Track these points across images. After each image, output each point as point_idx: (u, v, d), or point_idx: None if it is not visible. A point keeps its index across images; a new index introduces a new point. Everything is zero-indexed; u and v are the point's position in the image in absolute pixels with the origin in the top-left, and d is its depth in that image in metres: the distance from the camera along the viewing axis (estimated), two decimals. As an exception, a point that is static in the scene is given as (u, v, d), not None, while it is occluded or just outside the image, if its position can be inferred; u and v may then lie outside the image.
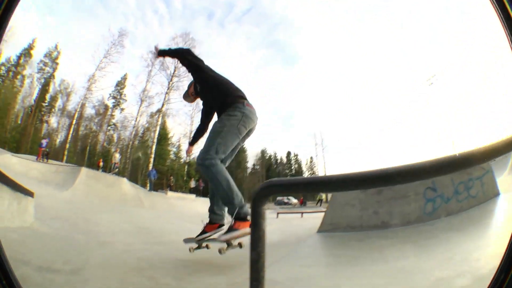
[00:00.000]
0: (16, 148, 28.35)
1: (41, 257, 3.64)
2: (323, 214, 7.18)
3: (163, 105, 36.28)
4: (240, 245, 3.33)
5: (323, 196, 32.85)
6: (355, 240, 5.44)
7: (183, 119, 52.16)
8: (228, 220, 3.15)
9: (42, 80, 36.67)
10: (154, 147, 34.49)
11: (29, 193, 5.56)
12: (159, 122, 35.98)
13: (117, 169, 22.74)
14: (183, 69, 36.15)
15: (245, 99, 3.36)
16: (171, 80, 36.85)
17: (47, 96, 37.04)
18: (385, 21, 61.17)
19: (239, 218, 3.01)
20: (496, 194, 5.75)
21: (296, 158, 58.06)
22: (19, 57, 35.02)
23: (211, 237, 3.26)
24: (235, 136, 3.14)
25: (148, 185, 24.44)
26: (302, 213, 17.20)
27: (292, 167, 57.87)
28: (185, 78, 36.48)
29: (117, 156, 24.08)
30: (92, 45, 48.89)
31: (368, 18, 63.26)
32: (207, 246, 3.59)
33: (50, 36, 49.63)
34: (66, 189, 12.76)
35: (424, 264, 3.24)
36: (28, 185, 5.98)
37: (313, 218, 12.23)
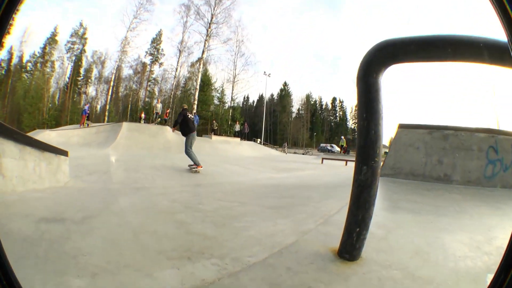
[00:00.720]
0: (55, 124, 29.91)
1: (52, 209, 3.08)
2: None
3: (203, 52, 35.72)
4: (197, 171, 7.72)
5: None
6: (423, 189, 5.22)
7: (226, 64, 51.62)
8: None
9: (73, 58, 37.41)
10: (196, 94, 34.50)
11: (61, 152, 5.12)
12: (201, 70, 35.66)
13: (159, 119, 22.60)
14: (220, 16, 35.70)
15: (194, 130, 8.37)
16: (209, 27, 35.61)
17: (81, 70, 38.07)
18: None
19: (197, 164, 7.82)
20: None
21: (341, 105, 54.56)
22: (43, 48, 35.67)
23: (192, 167, 7.85)
24: (190, 143, 8.12)
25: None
26: (346, 161, 16.02)
27: (337, 114, 54.96)
28: (222, 24, 36.33)
29: (159, 106, 23.70)
30: (118, 11, 47.98)
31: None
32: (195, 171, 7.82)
33: (72, 18, 49.66)
34: (108, 146, 12.47)
35: (508, 223, 3.12)
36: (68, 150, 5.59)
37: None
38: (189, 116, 8.38)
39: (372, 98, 1.75)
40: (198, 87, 34.27)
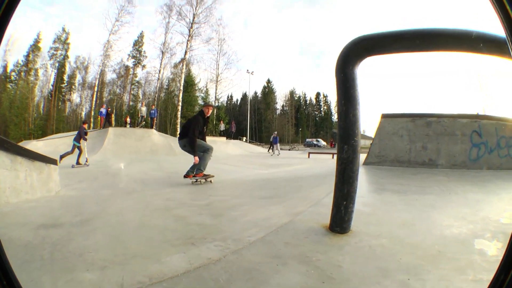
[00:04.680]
0: (42, 134, 29.19)
1: (49, 216, 3.11)
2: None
3: (186, 53, 35.48)
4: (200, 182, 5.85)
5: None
6: (409, 173, 5.35)
7: (208, 64, 51.27)
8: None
9: (56, 65, 36.67)
10: (180, 95, 34.25)
11: (51, 161, 5.06)
12: (184, 71, 35.41)
13: (144, 122, 22.50)
14: (202, 15, 35.64)
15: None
16: (191, 27, 35.36)
17: (65, 77, 37.33)
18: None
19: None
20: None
21: (325, 100, 55.32)
22: (27, 56, 34.75)
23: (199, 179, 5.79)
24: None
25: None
26: (333, 154, 16.22)
27: (322, 109, 55.67)
28: (204, 24, 36.41)
29: (143, 109, 23.46)
30: (100, 14, 47.06)
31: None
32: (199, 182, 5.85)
33: (55, 23, 48.53)
34: (95, 152, 12.54)
35: (493, 198, 3.26)
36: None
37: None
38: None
39: (349, 86, 1.98)
40: (182, 88, 33.93)
